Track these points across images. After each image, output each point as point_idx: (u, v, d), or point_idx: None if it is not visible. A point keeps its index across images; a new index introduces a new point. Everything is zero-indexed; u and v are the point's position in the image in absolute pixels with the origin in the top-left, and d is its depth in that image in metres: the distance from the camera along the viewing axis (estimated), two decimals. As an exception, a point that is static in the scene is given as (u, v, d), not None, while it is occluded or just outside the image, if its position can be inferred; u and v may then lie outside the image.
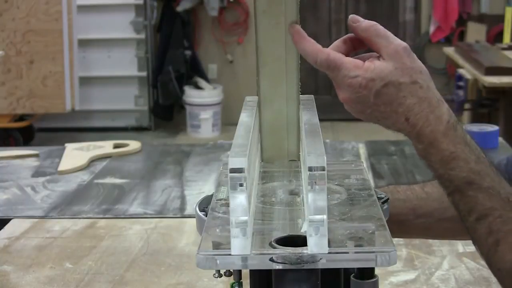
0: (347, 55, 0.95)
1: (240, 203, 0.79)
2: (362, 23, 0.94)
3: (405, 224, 1.13)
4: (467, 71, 4.66)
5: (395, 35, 0.94)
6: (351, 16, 0.96)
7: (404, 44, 0.93)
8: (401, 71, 0.91)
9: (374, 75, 0.91)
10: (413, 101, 0.92)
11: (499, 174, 0.92)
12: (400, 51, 0.92)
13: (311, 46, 0.94)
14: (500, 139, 2.40)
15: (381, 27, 0.94)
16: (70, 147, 2.47)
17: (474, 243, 0.93)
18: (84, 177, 2.20)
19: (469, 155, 0.91)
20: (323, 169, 0.79)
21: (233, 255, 0.80)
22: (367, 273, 0.89)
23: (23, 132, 5.94)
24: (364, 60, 0.93)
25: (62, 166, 2.27)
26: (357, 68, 0.92)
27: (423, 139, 0.92)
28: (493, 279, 0.92)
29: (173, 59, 6.50)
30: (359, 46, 0.97)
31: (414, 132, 0.92)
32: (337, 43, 0.97)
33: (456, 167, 0.91)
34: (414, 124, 0.92)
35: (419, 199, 1.14)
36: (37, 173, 2.25)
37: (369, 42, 0.94)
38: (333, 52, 0.93)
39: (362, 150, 2.44)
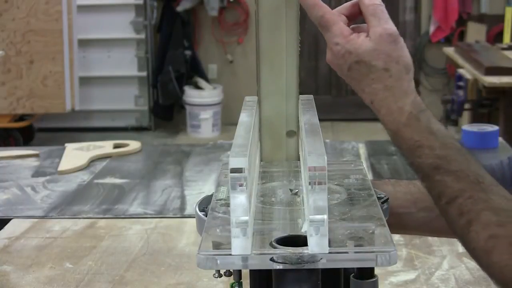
0: (351, 18, 0.98)
1: (241, 203, 0.79)
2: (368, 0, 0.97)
3: (405, 217, 1.13)
4: (467, 71, 4.66)
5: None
6: None
7: (392, 30, 0.95)
8: (377, 54, 0.94)
9: (352, 49, 0.94)
10: (379, 87, 0.94)
11: (469, 158, 0.93)
12: (384, 36, 0.94)
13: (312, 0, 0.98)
14: (500, 139, 2.40)
15: (380, 7, 0.96)
16: (70, 147, 2.47)
17: (448, 225, 0.93)
18: (84, 177, 2.20)
19: (434, 142, 0.93)
20: (323, 169, 0.79)
21: (233, 255, 0.80)
22: (367, 273, 0.89)
23: (23, 132, 5.94)
24: (358, 32, 0.96)
25: (62, 166, 2.27)
26: (342, 36, 0.95)
27: (387, 127, 0.95)
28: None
29: (173, 59, 6.50)
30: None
31: (380, 118, 0.95)
32: (346, 4, 0.99)
33: (422, 154, 0.93)
34: (377, 109, 0.95)
35: (421, 192, 1.14)
36: (37, 173, 2.25)
37: (365, 18, 0.97)
38: (329, 13, 0.97)
39: (362, 150, 2.44)
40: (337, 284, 0.90)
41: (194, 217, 0.99)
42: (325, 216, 0.79)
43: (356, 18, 0.99)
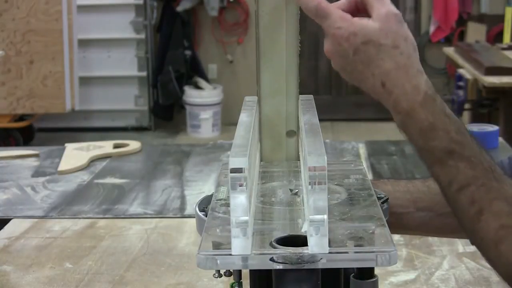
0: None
1: (241, 203, 0.79)
2: None
3: (404, 216, 1.13)
4: (467, 71, 4.66)
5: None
6: None
7: (397, 11, 0.93)
8: (385, 33, 0.91)
9: (357, 30, 0.91)
10: (391, 66, 0.91)
11: (480, 145, 0.91)
12: (390, 15, 0.91)
13: None
14: (500, 139, 2.40)
15: None
16: (70, 147, 2.47)
17: (456, 215, 0.91)
18: (84, 177, 2.20)
19: (449, 126, 0.90)
20: (323, 169, 0.79)
21: (233, 255, 0.80)
22: (367, 273, 0.89)
23: (23, 132, 5.94)
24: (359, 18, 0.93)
25: (62, 166, 2.27)
26: (343, 20, 0.92)
27: (400, 109, 0.91)
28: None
29: (173, 59, 6.50)
30: (363, 11, 0.96)
31: (391, 100, 0.91)
32: (343, 0, 0.97)
33: (436, 137, 0.89)
34: (390, 91, 0.91)
35: (420, 192, 1.13)
36: (37, 173, 2.25)
37: (366, 3, 0.94)
38: (324, 1, 0.93)
39: (362, 150, 2.44)
40: (337, 284, 0.90)
41: (194, 217, 0.99)
42: (325, 216, 0.79)
43: (353, 15, 0.95)
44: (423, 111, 0.90)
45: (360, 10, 0.96)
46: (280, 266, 0.80)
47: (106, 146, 2.47)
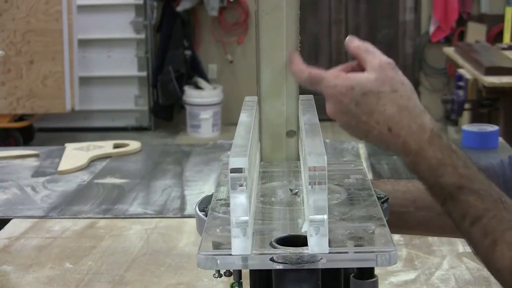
0: None
1: (241, 203, 0.79)
2: (356, 41, 0.97)
3: (405, 216, 1.13)
4: (467, 71, 4.66)
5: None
6: (349, 36, 0.99)
7: (389, 60, 0.95)
8: (382, 81, 0.93)
9: (354, 84, 0.92)
10: (393, 110, 0.92)
11: (488, 178, 0.93)
12: (384, 64, 0.94)
13: (297, 66, 0.99)
14: (500, 139, 2.40)
15: (371, 46, 0.96)
16: (70, 147, 2.47)
17: (472, 248, 0.93)
18: (84, 177, 2.20)
19: (456, 161, 0.92)
20: (323, 169, 0.79)
21: (233, 255, 0.80)
22: (367, 273, 0.89)
23: (23, 132, 5.94)
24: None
25: (62, 166, 2.27)
26: (337, 77, 0.94)
27: (409, 150, 0.92)
28: (493, 279, 0.91)
29: (173, 59, 6.50)
30: (358, 71, 0.97)
31: (400, 143, 0.93)
32: (338, 68, 0.98)
33: (445, 173, 0.91)
34: (397, 134, 0.92)
35: (421, 191, 1.13)
36: (37, 173, 2.25)
37: (359, 58, 0.96)
38: (314, 69, 0.96)
39: (362, 150, 2.44)
40: (337, 284, 0.90)
41: (194, 217, 0.99)
42: (325, 216, 0.79)
43: None
44: (431, 148, 0.92)
45: (355, 70, 0.98)
46: (280, 266, 0.80)
47: (106, 146, 2.47)
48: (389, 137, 0.93)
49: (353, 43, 0.97)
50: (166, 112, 6.71)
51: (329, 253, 0.80)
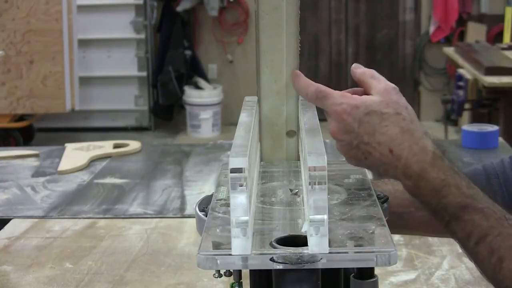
0: None
1: (241, 203, 0.79)
2: (362, 68, 0.99)
3: (405, 216, 1.13)
4: (467, 71, 4.66)
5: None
6: (354, 64, 1.00)
7: (394, 85, 0.96)
8: (386, 103, 0.93)
9: (359, 103, 0.93)
10: (396, 131, 0.92)
11: (490, 198, 0.93)
12: (389, 89, 0.95)
13: (303, 81, 0.99)
14: (500, 139, 2.40)
15: (377, 73, 0.97)
16: (70, 147, 2.47)
17: (478, 268, 0.93)
18: (84, 177, 2.20)
19: (459, 181, 0.92)
20: (323, 169, 0.79)
21: (233, 255, 0.80)
22: (367, 273, 0.89)
23: (23, 132, 5.94)
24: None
25: (62, 166, 2.27)
26: (344, 96, 0.94)
27: (411, 172, 0.92)
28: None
29: (173, 59, 6.50)
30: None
31: (401, 165, 0.92)
32: (344, 91, 0.99)
33: (449, 194, 0.91)
34: (399, 155, 0.92)
35: None
36: (37, 173, 2.25)
37: (364, 84, 0.97)
38: (322, 85, 0.97)
39: (362, 150, 2.44)
40: (337, 284, 0.90)
41: (194, 217, 0.99)
42: (325, 216, 0.79)
43: None
44: (434, 169, 0.92)
45: (360, 82, 0.99)
46: (280, 266, 0.80)
47: (106, 146, 2.47)
48: (390, 159, 0.93)
49: (359, 69, 0.98)
50: (166, 112, 6.71)
51: (329, 253, 0.80)
